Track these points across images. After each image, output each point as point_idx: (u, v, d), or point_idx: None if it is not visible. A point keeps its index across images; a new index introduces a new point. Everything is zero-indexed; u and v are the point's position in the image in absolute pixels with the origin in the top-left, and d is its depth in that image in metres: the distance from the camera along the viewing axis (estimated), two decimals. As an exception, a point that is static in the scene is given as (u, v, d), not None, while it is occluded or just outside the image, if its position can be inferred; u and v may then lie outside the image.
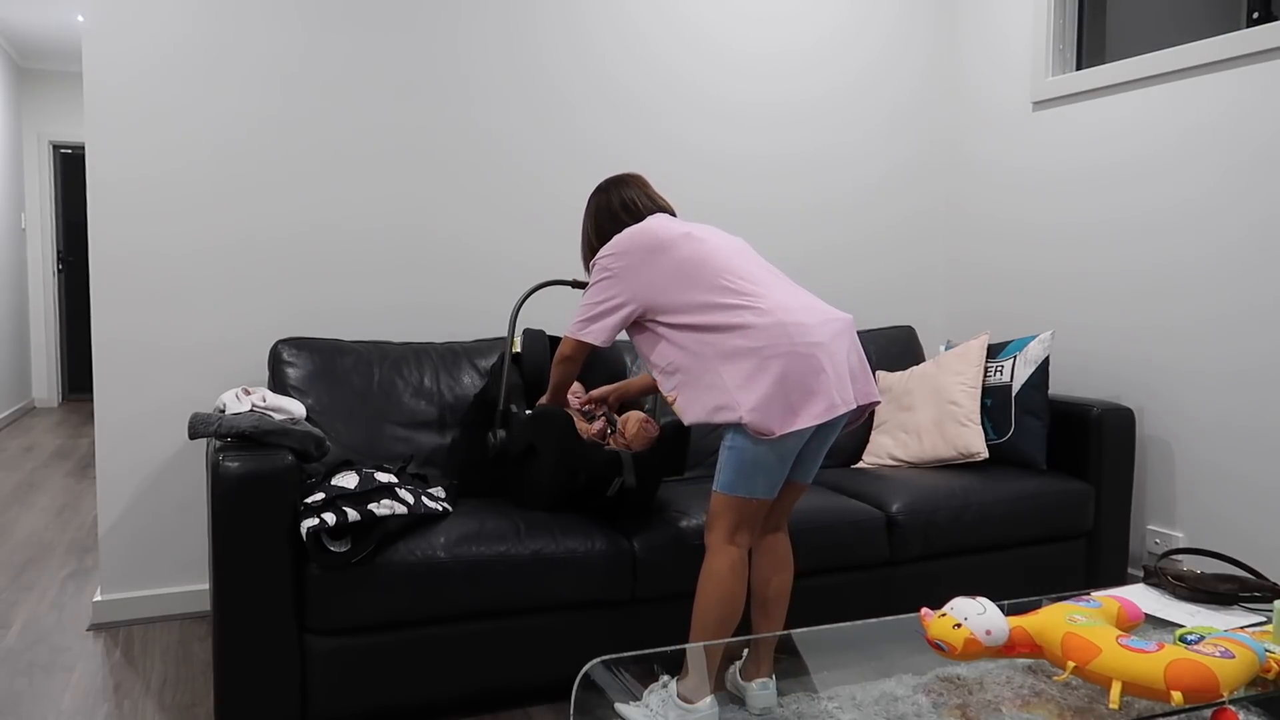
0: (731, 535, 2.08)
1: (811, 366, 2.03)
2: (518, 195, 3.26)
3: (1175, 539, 3.03)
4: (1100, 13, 3.37)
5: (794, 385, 2.02)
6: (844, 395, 2.06)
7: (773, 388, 2.01)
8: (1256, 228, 2.77)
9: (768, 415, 2.00)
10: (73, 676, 2.56)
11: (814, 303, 2.14)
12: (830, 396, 2.03)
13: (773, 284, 2.14)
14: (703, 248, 2.16)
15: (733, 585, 2.06)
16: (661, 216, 2.27)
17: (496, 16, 3.19)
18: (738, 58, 3.52)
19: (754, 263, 2.19)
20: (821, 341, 2.05)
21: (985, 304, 3.72)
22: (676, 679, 2.07)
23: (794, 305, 2.09)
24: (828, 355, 2.04)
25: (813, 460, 2.19)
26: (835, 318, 2.11)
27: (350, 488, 2.20)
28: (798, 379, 2.02)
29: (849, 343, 2.12)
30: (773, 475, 2.07)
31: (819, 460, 2.20)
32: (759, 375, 2.02)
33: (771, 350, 2.03)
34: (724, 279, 2.11)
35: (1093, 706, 1.57)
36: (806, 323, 2.06)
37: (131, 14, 2.81)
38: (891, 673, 1.77)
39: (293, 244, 3.01)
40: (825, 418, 2.02)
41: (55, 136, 7.77)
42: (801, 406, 2.02)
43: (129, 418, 2.90)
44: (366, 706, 2.23)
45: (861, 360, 2.15)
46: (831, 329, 2.08)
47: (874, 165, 3.75)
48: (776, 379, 2.01)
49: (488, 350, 2.96)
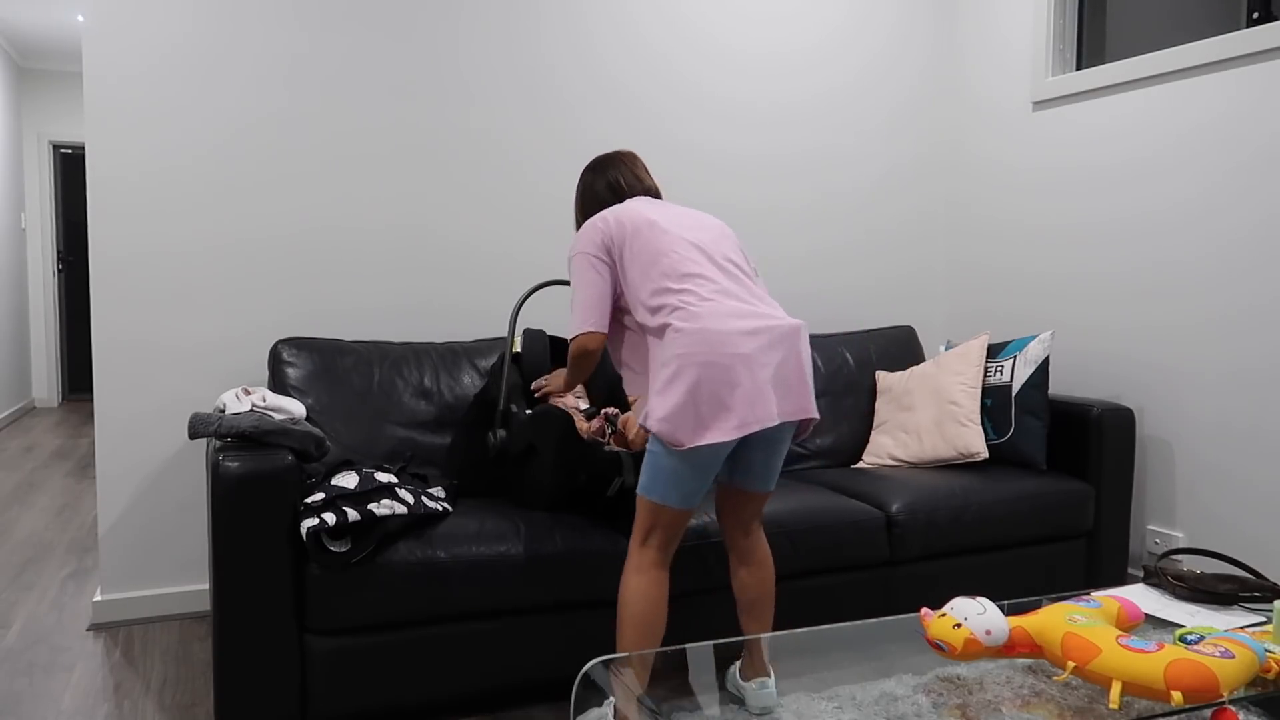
0: (644, 538, 2.06)
1: (727, 379, 1.95)
2: (518, 195, 3.26)
3: (1175, 539, 3.03)
4: (1100, 13, 3.37)
5: (706, 397, 1.94)
6: (761, 412, 1.96)
7: (684, 397, 1.94)
8: (1257, 227, 2.77)
9: (676, 426, 1.95)
10: (73, 676, 2.56)
11: (755, 309, 2.04)
12: (743, 412, 1.95)
13: (720, 286, 2.05)
14: (661, 240, 2.09)
15: (642, 588, 2.03)
16: (638, 200, 2.23)
17: (497, 16, 3.19)
18: (739, 58, 3.52)
19: (711, 259, 2.10)
20: (745, 353, 1.96)
21: (985, 303, 3.72)
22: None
23: (728, 310, 2.00)
24: (749, 367, 1.96)
25: (763, 469, 2.13)
26: (770, 326, 2.01)
27: (350, 488, 2.20)
28: (711, 390, 1.94)
29: (783, 355, 2.02)
30: (686, 486, 2.01)
31: (771, 469, 2.14)
32: (674, 383, 1.96)
33: (689, 359, 1.96)
34: (667, 280, 2.05)
35: (1093, 706, 1.57)
36: (732, 331, 1.97)
37: (131, 13, 2.81)
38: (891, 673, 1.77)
39: (293, 243, 3.01)
40: (735, 434, 1.94)
41: (55, 136, 7.78)
42: (712, 420, 1.95)
43: (129, 418, 2.90)
44: (366, 706, 2.23)
45: (800, 372, 2.05)
46: (763, 339, 1.99)
47: (874, 165, 3.75)
48: (689, 389, 1.94)
49: (488, 350, 2.96)
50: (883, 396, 3.29)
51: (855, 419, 3.29)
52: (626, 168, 2.31)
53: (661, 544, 2.06)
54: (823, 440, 3.23)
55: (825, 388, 3.30)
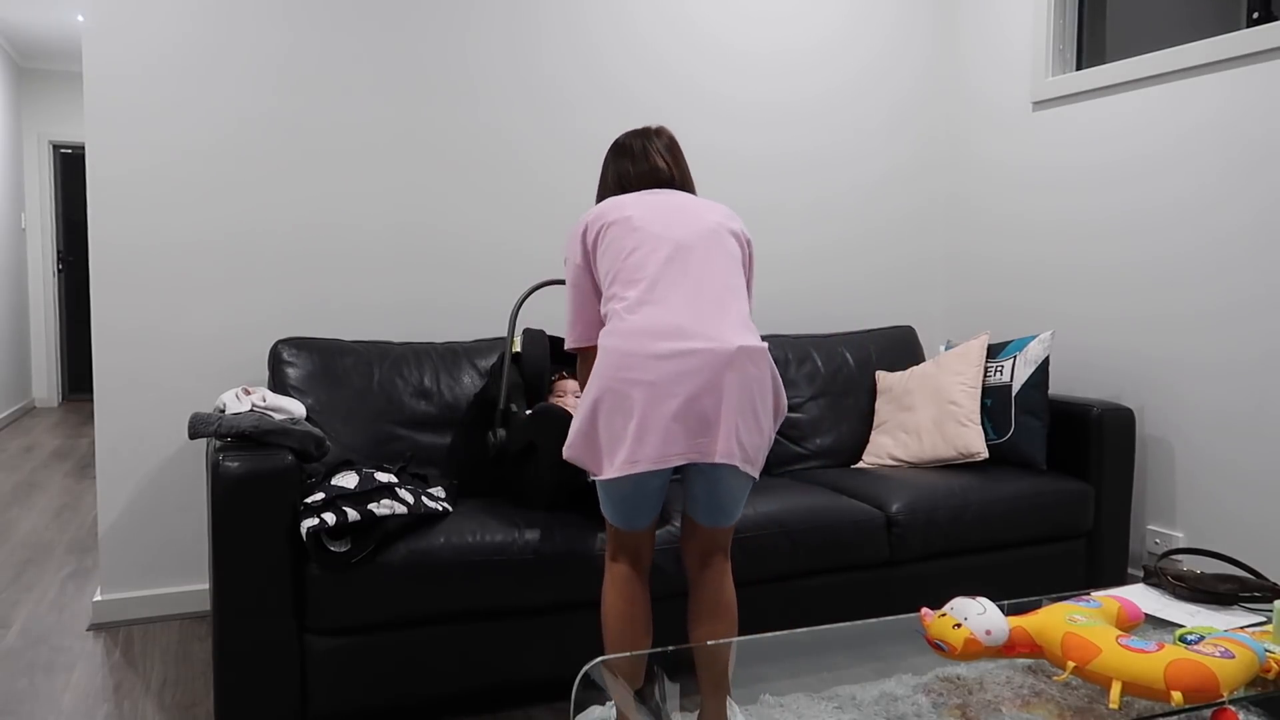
0: (612, 554, 2.03)
1: (623, 407, 1.78)
2: (519, 190, 3.26)
3: (1175, 539, 3.03)
4: (1100, 13, 3.37)
5: (603, 425, 1.80)
6: (659, 450, 1.75)
7: (584, 423, 1.83)
8: (1258, 227, 2.77)
9: (576, 450, 1.86)
10: (73, 676, 2.56)
11: (690, 324, 1.82)
12: (631, 449, 1.76)
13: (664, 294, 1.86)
14: (627, 239, 1.94)
15: (615, 603, 1.98)
16: (635, 193, 2.06)
17: (499, 13, 3.19)
18: (739, 57, 3.52)
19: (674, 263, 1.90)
20: (648, 380, 1.76)
21: (984, 299, 3.72)
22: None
23: (651, 327, 1.81)
24: (650, 397, 1.76)
25: (707, 504, 1.93)
26: (697, 350, 1.78)
27: (350, 488, 2.20)
28: (607, 419, 1.80)
29: (703, 384, 1.77)
30: (620, 510, 1.92)
31: (718, 506, 1.94)
32: (583, 403, 1.84)
33: (595, 380, 1.83)
34: (616, 284, 1.91)
35: (1093, 706, 1.57)
36: (641, 352, 1.78)
37: (132, 12, 2.81)
38: (891, 673, 1.77)
39: (294, 240, 3.01)
40: (623, 472, 1.77)
41: (55, 136, 7.78)
42: (609, 452, 1.81)
43: (129, 417, 2.90)
44: (366, 706, 2.23)
45: (721, 407, 1.78)
46: (679, 365, 1.77)
47: (874, 163, 3.75)
48: (587, 415, 1.83)
49: (488, 350, 2.96)
50: (883, 396, 3.29)
51: (855, 419, 3.29)
52: (640, 155, 2.12)
53: (629, 560, 2.01)
54: (823, 440, 3.23)
55: (825, 388, 3.30)
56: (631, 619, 1.98)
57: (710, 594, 2.00)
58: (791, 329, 3.65)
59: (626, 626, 1.98)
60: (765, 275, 3.61)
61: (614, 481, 1.87)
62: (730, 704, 1.96)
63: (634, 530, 1.98)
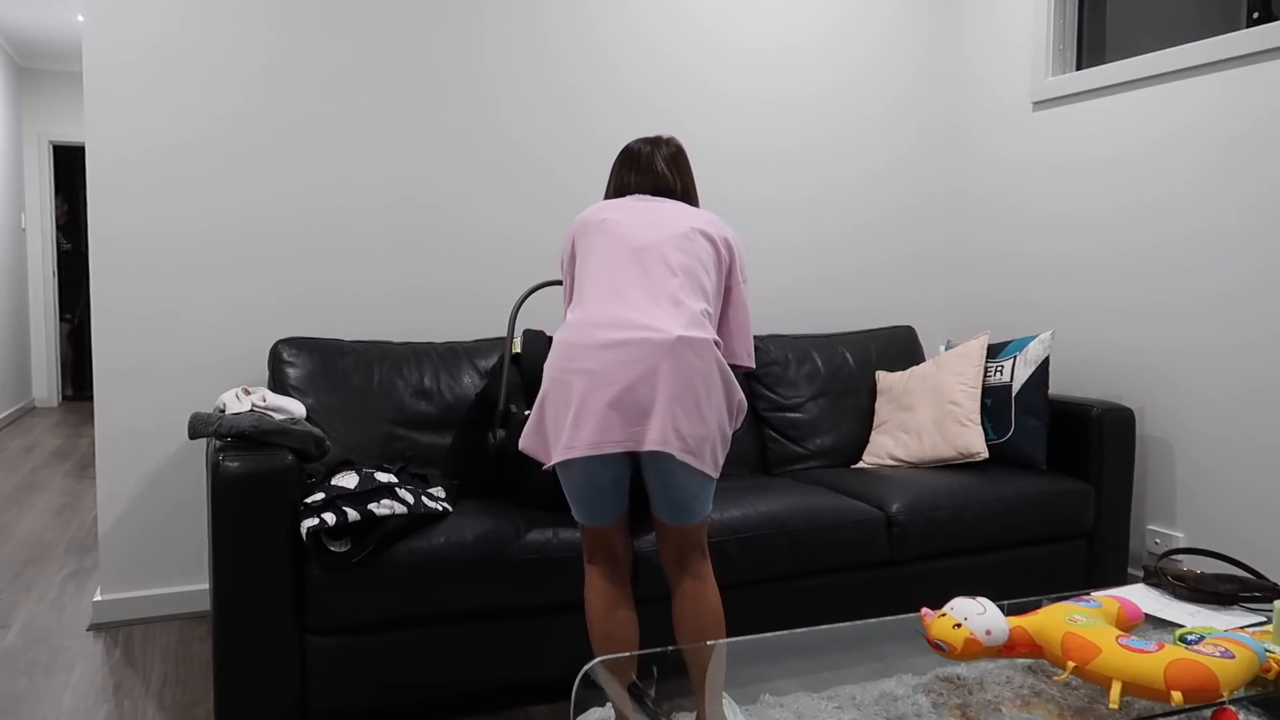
0: (589, 555, 2.04)
1: (564, 396, 1.83)
2: (523, 183, 3.26)
3: (1175, 539, 3.03)
4: (1100, 13, 3.37)
5: (549, 413, 1.86)
6: (593, 436, 1.78)
7: (535, 413, 1.89)
8: (1258, 226, 2.77)
9: (528, 440, 1.92)
10: (73, 676, 2.56)
11: (634, 315, 1.84)
12: (569, 435, 1.80)
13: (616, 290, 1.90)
14: (596, 241, 1.99)
15: (596, 605, 2.00)
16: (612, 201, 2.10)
17: (506, 11, 3.19)
18: (740, 53, 3.52)
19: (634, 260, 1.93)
20: (588, 368, 1.80)
21: (984, 293, 3.72)
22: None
23: (597, 319, 1.85)
24: (591, 385, 1.79)
25: (662, 499, 1.93)
26: (637, 340, 1.80)
27: (350, 488, 2.20)
28: (553, 408, 1.86)
29: (640, 373, 1.78)
30: (577, 504, 1.96)
31: (672, 501, 1.92)
32: (537, 399, 1.91)
33: (547, 372, 1.90)
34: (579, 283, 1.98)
35: (1093, 706, 1.57)
36: (584, 342, 1.83)
37: (131, 12, 2.81)
38: (891, 673, 1.77)
39: (295, 234, 3.01)
40: (561, 458, 1.81)
41: (55, 136, 7.78)
42: (553, 440, 1.85)
43: (129, 418, 2.90)
44: (366, 706, 2.23)
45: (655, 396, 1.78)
46: (618, 355, 1.79)
47: (874, 158, 3.76)
48: (538, 405, 1.89)
49: (488, 350, 2.96)
50: (883, 396, 3.29)
51: (855, 419, 3.29)
52: (645, 163, 2.14)
53: (604, 561, 2.02)
54: (823, 440, 3.23)
55: (825, 388, 3.30)
56: (614, 620, 1.98)
57: (692, 598, 1.99)
58: (792, 322, 3.65)
59: (610, 627, 1.99)
60: (765, 269, 3.61)
61: (563, 472, 1.91)
62: (728, 702, 1.94)
63: (596, 525, 1.99)
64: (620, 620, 1.99)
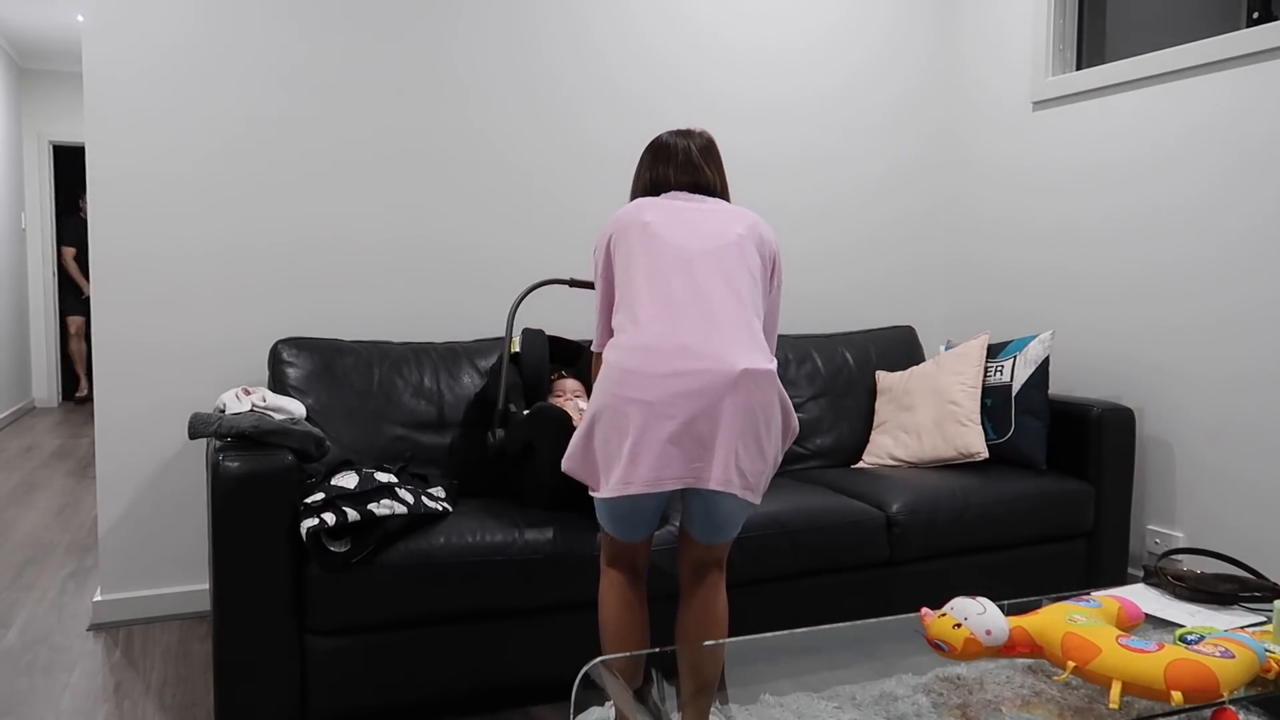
0: (607, 560, 2.01)
1: (619, 426, 1.75)
2: (519, 197, 3.26)
3: (1175, 539, 3.03)
4: (1100, 13, 3.37)
5: (600, 443, 1.78)
6: (645, 473, 1.72)
7: (582, 437, 1.82)
8: (1258, 227, 2.77)
9: (574, 464, 1.85)
10: (73, 676, 2.56)
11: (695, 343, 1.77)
12: (626, 470, 1.73)
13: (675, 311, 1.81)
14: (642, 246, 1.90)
15: (613, 608, 1.97)
16: (659, 198, 2.02)
17: (497, 18, 3.19)
18: (739, 56, 3.52)
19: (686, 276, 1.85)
20: (645, 400, 1.73)
21: (985, 298, 3.72)
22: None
23: (655, 345, 1.77)
24: (646, 418, 1.73)
25: (702, 522, 1.90)
26: (699, 370, 1.74)
27: (350, 488, 2.20)
28: (604, 437, 1.78)
29: (703, 407, 1.72)
30: (616, 525, 1.91)
31: (714, 525, 1.90)
32: (583, 421, 1.82)
33: (595, 395, 1.81)
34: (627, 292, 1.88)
35: (1093, 706, 1.57)
36: (642, 371, 1.75)
37: (131, 13, 2.81)
38: (891, 673, 1.77)
39: (293, 245, 3.01)
40: (617, 492, 1.75)
41: (55, 136, 7.77)
42: (605, 470, 1.79)
43: (129, 418, 2.90)
44: (366, 706, 2.23)
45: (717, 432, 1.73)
46: (679, 385, 1.72)
47: (875, 162, 3.76)
48: (586, 431, 1.81)
49: (488, 350, 2.96)
50: (883, 396, 3.29)
51: (855, 419, 3.29)
52: (675, 161, 2.06)
53: (624, 568, 2.00)
54: (823, 440, 3.23)
55: (825, 388, 3.30)
56: (629, 624, 1.97)
57: (699, 608, 1.97)
58: (792, 326, 3.65)
59: (624, 631, 1.97)
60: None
61: (610, 500, 1.86)
62: (717, 712, 1.93)
63: (627, 540, 1.97)
64: (634, 624, 1.98)
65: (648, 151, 2.12)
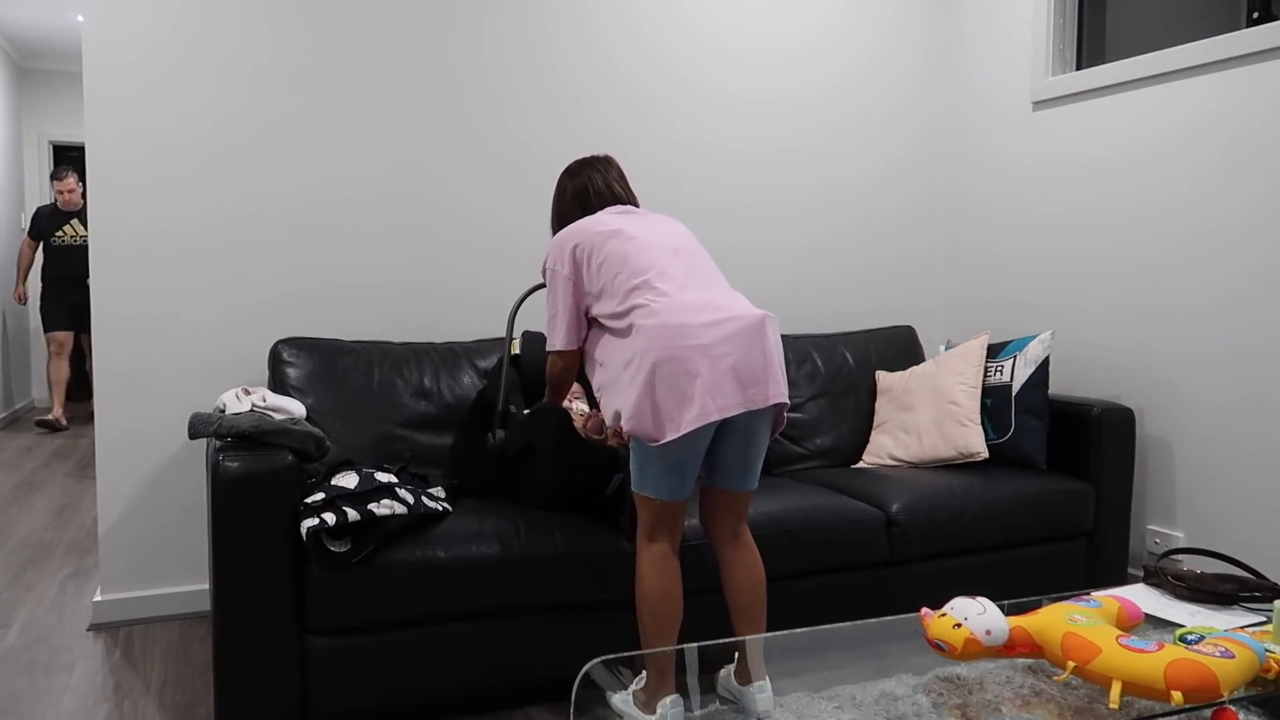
0: (650, 532, 2.09)
1: (686, 369, 1.97)
2: (524, 186, 3.26)
3: (1175, 539, 3.03)
4: (1100, 13, 3.37)
5: (666, 390, 1.97)
6: (723, 401, 1.97)
7: (642, 392, 1.98)
8: (1259, 226, 2.77)
9: (641, 421, 1.99)
10: (73, 676, 2.56)
11: (718, 300, 2.07)
12: (704, 402, 1.96)
13: (684, 283, 2.10)
14: (628, 245, 2.14)
15: (656, 581, 2.06)
16: (605, 213, 2.25)
17: (508, 10, 3.19)
18: (740, 54, 3.52)
19: (678, 259, 2.14)
20: (703, 344, 1.98)
21: (985, 295, 3.72)
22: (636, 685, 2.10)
23: (688, 304, 2.03)
24: (708, 358, 1.97)
25: (739, 465, 2.13)
26: (733, 316, 2.03)
27: (350, 488, 2.20)
28: (669, 383, 1.97)
29: (746, 344, 2.02)
30: (669, 480, 2.05)
31: (749, 464, 2.14)
32: (636, 379, 2.00)
33: (648, 354, 1.99)
34: (635, 280, 2.09)
35: (1093, 706, 1.57)
36: (690, 323, 2.00)
37: (131, 9, 2.81)
38: (891, 673, 1.77)
39: (295, 243, 3.01)
40: (697, 424, 1.95)
41: (55, 136, 7.77)
42: (676, 412, 1.97)
43: (129, 418, 2.90)
44: (366, 706, 2.23)
45: (764, 361, 2.03)
46: (724, 330, 2.01)
47: (874, 158, 3.76)
48: (645, 383, 1.98)
49: (488, 350, 2.96)
50: (883, 396, 3.29)
51: (855, 419, 3.29)
52: (599, 174, 2.34)
53: (667, 535, 2.09)
54: (823, 440, 3.23)
55: (825, 388, 3.30)
56: (674, 597, 2.07)
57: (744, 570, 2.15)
58: (792, 324, 3.65)
59: (669, 605, 2.07)
60: (765, 271, 3.61)
61: (672, 444, 1.99)
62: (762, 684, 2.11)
63: (677, 500, 2.07)
64: (678, 599, 2.09)
65: (565, 176, 2.37)
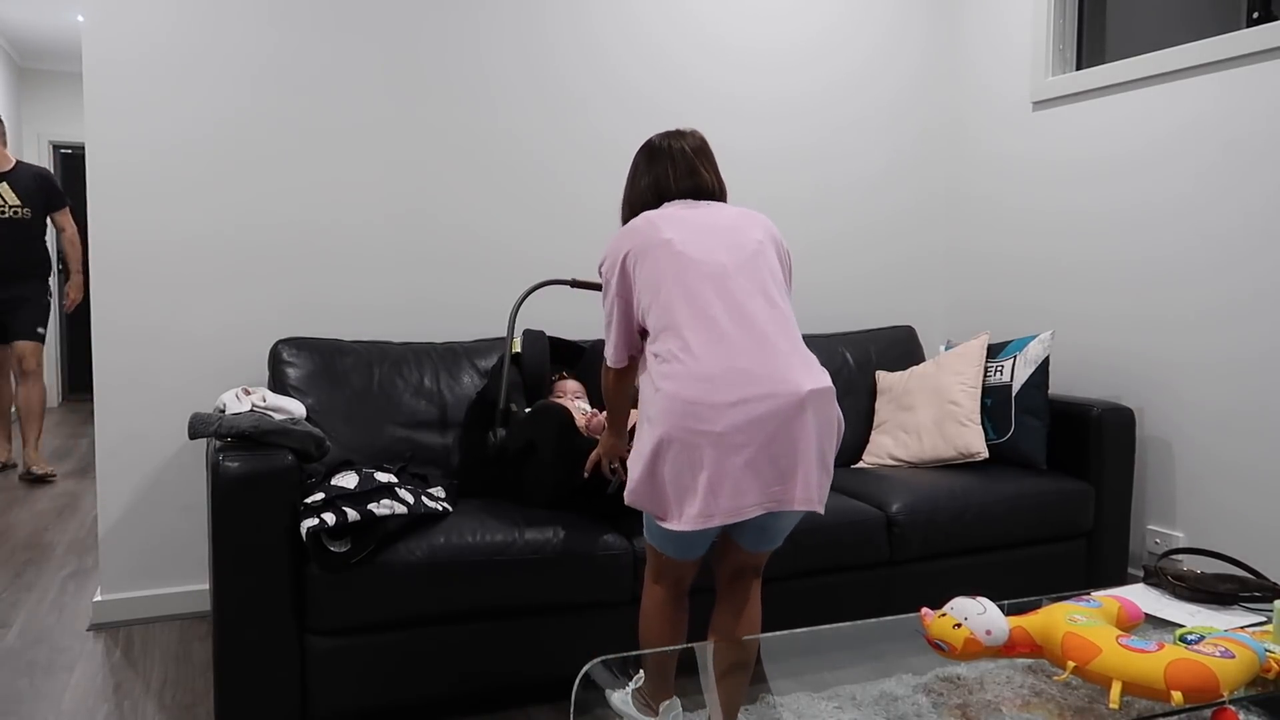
0: (655, 576, 2.00)
1: (690, 460, 1.73)
2: (524, 188, 3.26)
3: (1175, 539, 3.03)
4: (1100, 13, 3.37)
5: (672, 473, 1.75)
6: (732, 502, 1.72)
7: (645, 473, 1.79)
8: (1259, 226, 2.77)
9: (639, 499, 1.82)
10: (73, 676, 2.56)
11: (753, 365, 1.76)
12: (706, 502, 1.72)
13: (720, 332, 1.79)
14: (670, 266, 1.86)
15: (654, 624, 1.99)
16: (672, 206, 1.98)
17: (508, 13, 3.19)
18: (740, 53, 3.52)
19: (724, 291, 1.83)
20: (715, 431, 1.71)
21: (985, 297, 3.72)
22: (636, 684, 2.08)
23: (711, 372, 1.75)
24: (718, 449, 1.71)
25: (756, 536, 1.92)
26: (764, 395, 1.73)
27: (350, 488, 2.20)
28: (674, 471, 1.75)
29: (771, 432, 1.72)
30: (676, 546, 1.91)
31: (769, 538, 1.93)
32: (642, 452, 1.79)
33: (655, 426, 1.76)
34: (664, 320, 1.83)
35: (1093, 706, 1.57)
36: (704, 401, 1.72)
37: (132, 9, 2.81)
38: (891, 673, 1.77)
39: (295, 246, 3.01)
40: (697, 526, 1.73)
41: (55, 136, 7.77)
42: (678, 503, 1.76)
43: (129, 418, 2.90)
44: (366, 706, 2.23)
45: (796, 454, 1.74)
46: (747, 412, 1.71)
47: (875, 158, 3.76)
48: (649, 465, 1.77)
49: (488, 350, 2.96)
50: (883, 396, 3.29)
51: (855, 419, 3.29)
52: (673, 166, 2.02)
53: (670, 585, 2.00)
54: (823, 440, 3.23)
55: (825, 388, 3.30)
56: (672, 640, 1.99)
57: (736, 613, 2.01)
58: (792, 329, 3.65)
59: (668, 641, 1.99)
60: (765, 275, 3.62)
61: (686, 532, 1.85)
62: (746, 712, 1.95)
63: (681, 560, 1.97)
64: (675, 640, 2.00)
65: (642, 156, 2.08)
